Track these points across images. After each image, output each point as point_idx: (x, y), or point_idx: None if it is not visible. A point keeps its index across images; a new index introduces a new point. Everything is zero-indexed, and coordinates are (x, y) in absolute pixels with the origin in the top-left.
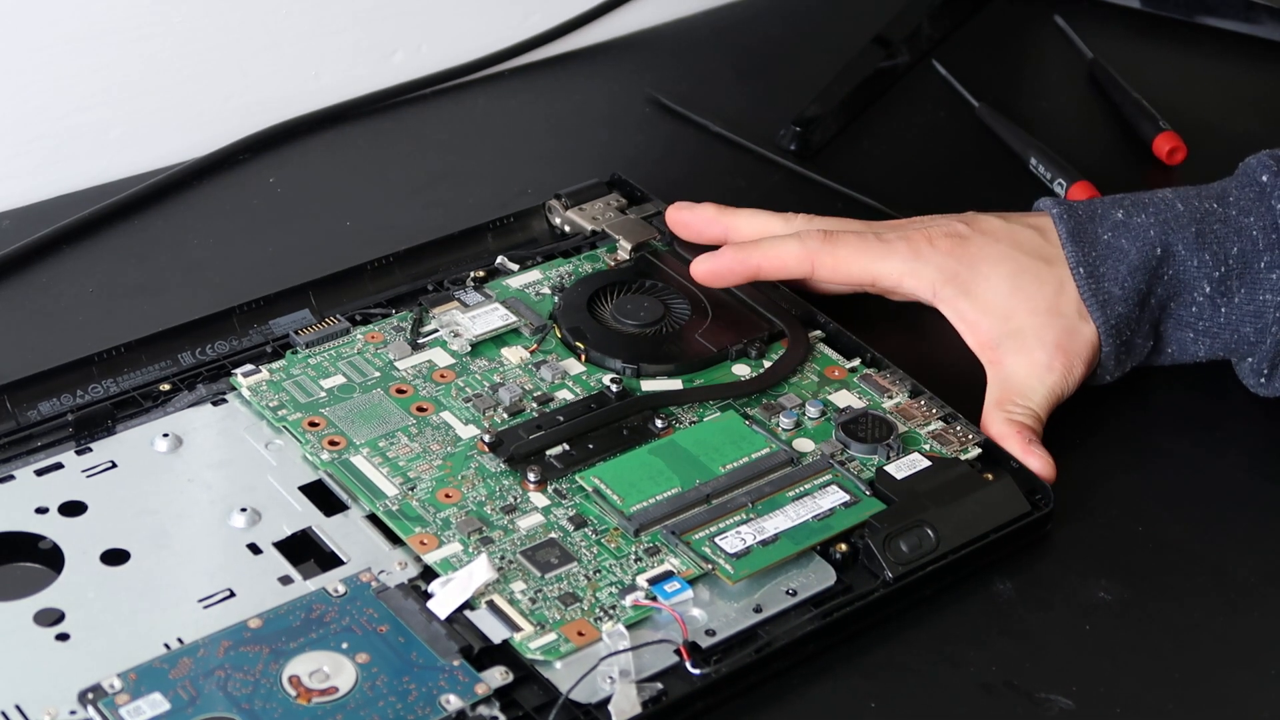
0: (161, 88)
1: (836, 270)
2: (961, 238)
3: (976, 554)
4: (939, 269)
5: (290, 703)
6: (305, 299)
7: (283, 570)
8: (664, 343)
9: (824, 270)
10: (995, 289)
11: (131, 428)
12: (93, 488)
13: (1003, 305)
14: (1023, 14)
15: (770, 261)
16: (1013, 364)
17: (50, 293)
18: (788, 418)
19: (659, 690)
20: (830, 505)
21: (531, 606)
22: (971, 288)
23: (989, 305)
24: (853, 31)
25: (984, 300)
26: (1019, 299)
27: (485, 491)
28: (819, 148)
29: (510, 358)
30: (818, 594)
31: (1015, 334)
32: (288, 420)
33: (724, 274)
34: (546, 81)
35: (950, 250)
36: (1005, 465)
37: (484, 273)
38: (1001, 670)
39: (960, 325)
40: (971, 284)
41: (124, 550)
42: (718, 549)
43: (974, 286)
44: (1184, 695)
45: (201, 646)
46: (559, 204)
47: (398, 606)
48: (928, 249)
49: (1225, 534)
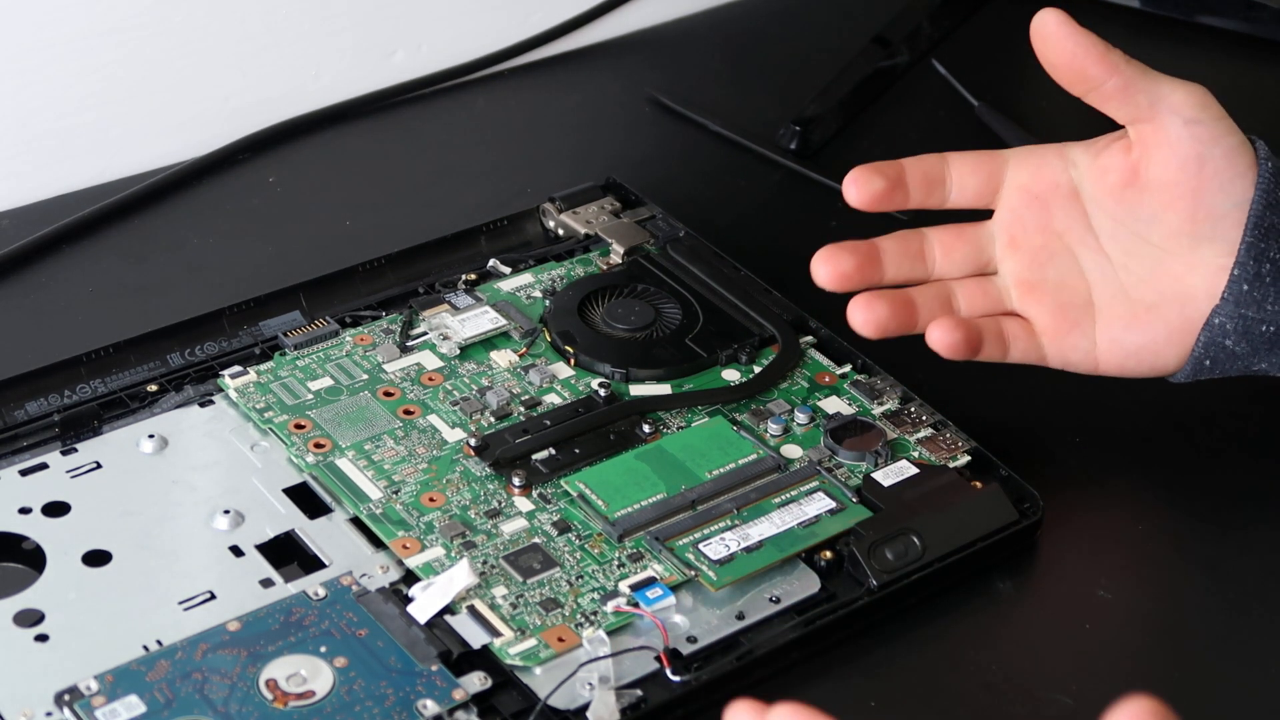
0: (161, 88)
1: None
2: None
3: (963, 562)
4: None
5: (267, 706)
6: (296, 300)
7: (264, 573)
8: (654, 347)
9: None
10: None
11: (118, 429)
12: (77, 488)
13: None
14: (1023, 14)
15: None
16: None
17: (50, 292)
18: (776, 424)
19: (638, 697)
20: (816, 512)
21: (512, 612)
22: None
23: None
24: (853, 31)
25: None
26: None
27: (470, 495)
28: (819, 147)
29: (499, 361)
30: (801, 601)
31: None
32: (274, 422)
33: None
34: (546, 81)
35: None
36: (994, 474)
37: (476, 275)
38: (1001, 670)
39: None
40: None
41: (106, 551)
42: (701, 555)
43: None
44: (1184, 695)
45: (180, 649)
46: (553, 207)
47: (377, 611)
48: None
49: (1225, 533)
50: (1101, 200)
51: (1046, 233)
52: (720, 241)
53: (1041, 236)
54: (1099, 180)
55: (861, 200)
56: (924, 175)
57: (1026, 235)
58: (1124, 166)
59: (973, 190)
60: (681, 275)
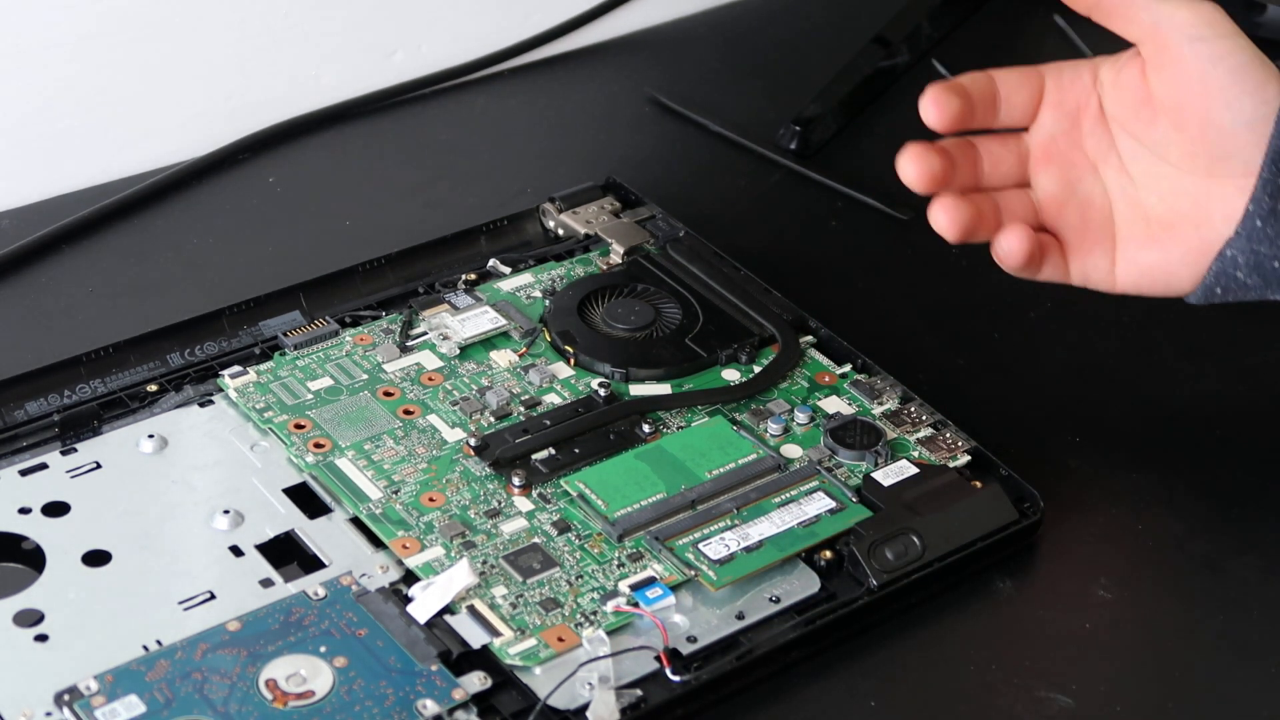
0: (162, 88)
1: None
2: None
3: (963, 562)
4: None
5: (266, 706)
6: (296, 300)
7: (264, 573)
8: (654, 347)
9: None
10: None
11: (117, 428)
12: (76, 488)
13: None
14: (1023, 14)
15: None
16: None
17: (50, 292)
18: (776, 423)
19: (638, 696)
20: (816, 512)
21: (512, 612)
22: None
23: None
24: (853, 31)
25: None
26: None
27: (469, 495)
28: (819, 147)
29: (499, 361)
30: (801, 601)
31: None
32: (274, 422)
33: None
34: (546, 81)
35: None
36: (994, 473)
37: (476, 275)
38: (1001, 669)
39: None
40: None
41: (106, 551)
42: (701, 555)
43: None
44: (1184, 695)
45: (179, 649)
46: (553, 207)
47: (377, 610)
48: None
49: (1225, 533)
50: (1122, 119)
51: (1076, 150)
52: (720, 241)
53: (1071, 154)
54: (1119, 99)
55: (942, 121)
56: (980, 95)
57: (1059, 152)
58: (1138, 86)
59: (1020, 109)
60: (681, 275)
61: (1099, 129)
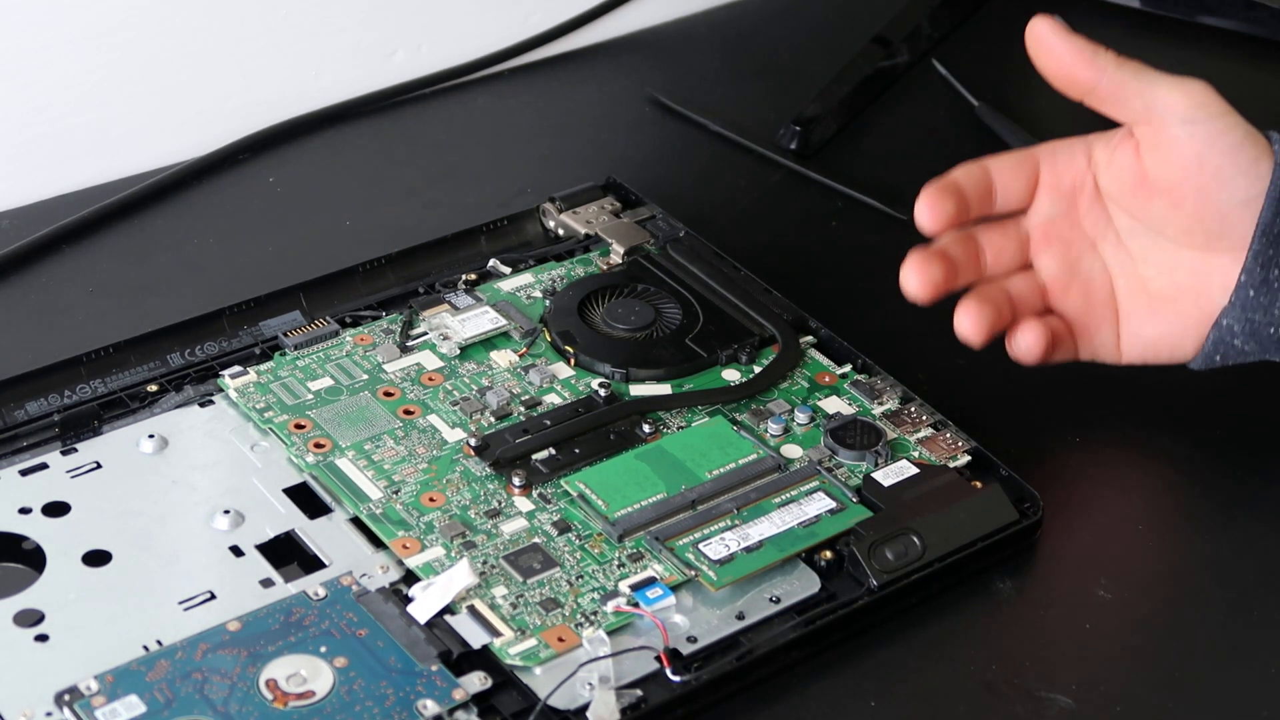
0: (162, 88)
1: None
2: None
3: (963, 562)
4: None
5: (266, 706)
6: (296, 300)
7: (264, 573)
8: (654, 347)
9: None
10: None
11: (118, 428)
12: (77, 488)
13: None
14: (1023, 14)
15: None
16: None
17: (50, 292)
18: (776, 424)
19: (638, 697)
20: (816, 512)
21: (512, 612)
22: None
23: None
24: (853, 31)
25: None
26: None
27: (470, 495)
28: (819, 147)
29: (499, 361)
30: (801, 601)
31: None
32: (274, 422)
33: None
34: (546, 81)
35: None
36: (994, 474)
37: (476, 275)
38: (1001, 669)
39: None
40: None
41: (106, 551)
42: (701, 555)
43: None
44: (1184, 695)
45: (179, 649)
46: (553, 207)
47: (377, 610)
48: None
49: (1225, 533)
50: (1119, 198)
51: (1075, 229)
52: (720, 241)
53: (1071, 234)
54: (1114, 178)
55: (936, 225)
56: (974, 186)
57: (1058, 233)
58: (1134, 165)
59: (1016, 195)
60: (681, 275)
61: (1096, 207)
